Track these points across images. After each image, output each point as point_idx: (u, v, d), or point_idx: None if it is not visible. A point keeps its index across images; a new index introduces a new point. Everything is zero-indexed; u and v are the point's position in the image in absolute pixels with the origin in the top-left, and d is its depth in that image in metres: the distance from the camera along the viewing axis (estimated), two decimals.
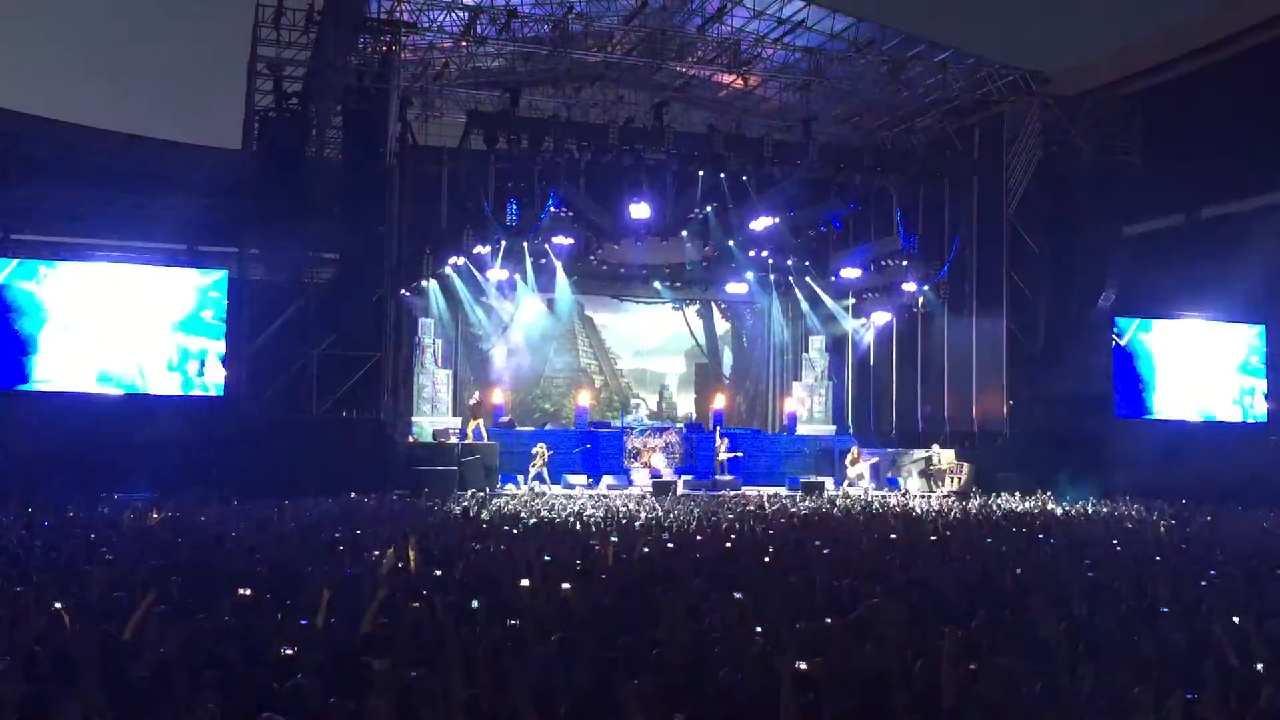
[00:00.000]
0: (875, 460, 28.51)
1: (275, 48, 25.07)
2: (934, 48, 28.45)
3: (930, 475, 27.78)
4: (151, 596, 6.90)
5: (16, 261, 25.23)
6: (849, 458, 27.94)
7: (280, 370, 24.44)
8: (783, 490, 26.47)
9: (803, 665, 5.45)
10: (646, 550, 11.46)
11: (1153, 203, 32.13)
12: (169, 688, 5.27)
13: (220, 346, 25.39)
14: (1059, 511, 19.91)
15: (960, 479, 27.19)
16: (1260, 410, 32.18)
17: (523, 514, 17.37)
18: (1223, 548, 12.79)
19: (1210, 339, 32.17)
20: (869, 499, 23.26)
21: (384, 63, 25.24)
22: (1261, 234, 30.50)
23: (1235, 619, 7.30)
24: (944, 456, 27.95)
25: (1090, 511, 20.02)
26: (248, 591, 7.60)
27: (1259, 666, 6.04)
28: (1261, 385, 32.30)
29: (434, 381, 29.62)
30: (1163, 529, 15.75)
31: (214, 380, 25.37)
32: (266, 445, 22.78)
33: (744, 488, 26.37)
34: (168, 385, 25.26)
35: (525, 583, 8.58)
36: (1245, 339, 32.51)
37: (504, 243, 28.08)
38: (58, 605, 7.17)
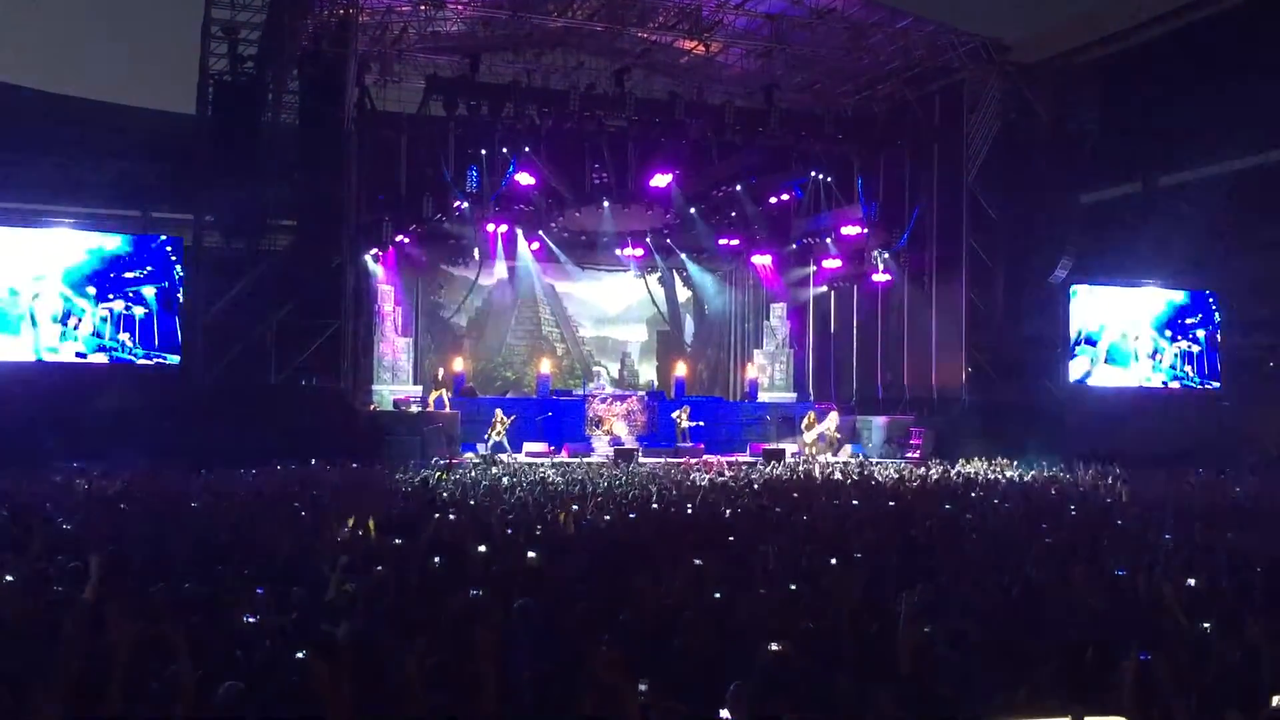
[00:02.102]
0: (828, 424, 28.79)
1: (230, 10, 24.63)
2: (895, 15, 28.40)
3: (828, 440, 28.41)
4: (99, 559, 6.81)
5: None
6: (804, 422, 28.15)
7: (238, 338, 24.17)
8: (744, 457, 26.61)
9: (775, 646, 5.49)
10: (608, 519, 11.49)
11: (1110, 170, 32.42)
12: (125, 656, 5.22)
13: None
14: (1015, 476, 20.14)
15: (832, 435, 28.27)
16: (1204, 378, 32.66)
17: (484, 482, 17.35)
18: (1175, 511, 13.00)
19: (1164, 305, 32.55)
20: (828, 466, 23.45)
21: (341, 26, 24.88)
22: (1216, 201, 30.89)
23: (1190, 581, 7.43)
24: (832, 423, 28.72)
25: (1046, 476, 20.26)
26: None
27: (1205, 626, 6.15)
28: (1204, 355, 32.75)
29: (394, 350, 29.48)
30: (1123, 494, 15.98)
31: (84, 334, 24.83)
32: (224, 414, 22.54)
33: (706, 455, 26.49)
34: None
35: (483, 549, 8.58)
36: (1192, 311, 32.90)
37: (464, 209, 27.90)
38: (9, 578, 7.09)
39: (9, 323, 24.28)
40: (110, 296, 24.82)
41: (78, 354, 24.59)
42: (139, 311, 24.97)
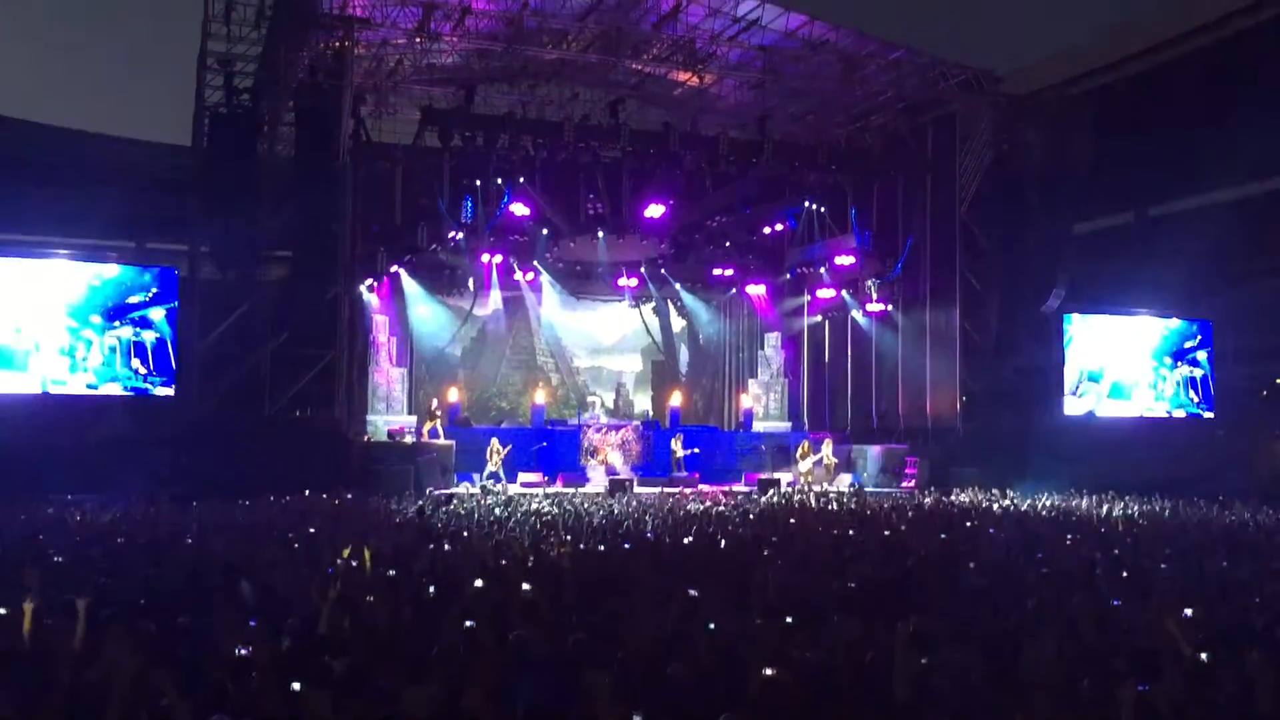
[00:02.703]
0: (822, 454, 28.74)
1: (226, 43, 24.72)
2: (887, 47, 28.64)
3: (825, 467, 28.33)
4: (85, 601, 6.76)
5: None
6: (799, 452, 28.12)
7: (232, 369, 24.13)
8: (739, 487, 26.55)
9: (769, 671, 5.47)
10: (603, 549, 11.46)
11: (1102, 201, 32.59)
12: (121, 691, 5.19)
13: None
14: (1012, 506, 20.12)
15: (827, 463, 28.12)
16: (1207, 404, 32.71)
17: (478, 513, 17.29)
18: (1172, 541, 12.99)
19: (1159, 335, 32.65)
20: (825, 495, 23.41)
21: (337, 59, 24.99)
22: (1207, 231, 31.03)
23: (1187, 611, 7.41)
24: (827, 449, 28.62)
25: (1043, 506, 20.24)
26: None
27: (1203, 657, 6.13)
28: (1207, 380, 32.83)
29: (389, 380, 29.43)
30: (1119, 524, 15.96)
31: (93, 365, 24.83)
32: (218, 445, 22.48)
33: (701, 485, 26.43)
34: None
35: (479, 583, 8.54)
36: (1192, 335, 33.02)
37: (459, 240, 27.95)
38: (1, 611, 7.04)
39: (11, 359, 24.32)
40: (116, 324, 24.87)
41: (89, 385, 24.61)
42: (149, 337, 25.02)
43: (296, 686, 5.30)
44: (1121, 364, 31.80)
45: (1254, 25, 29.08)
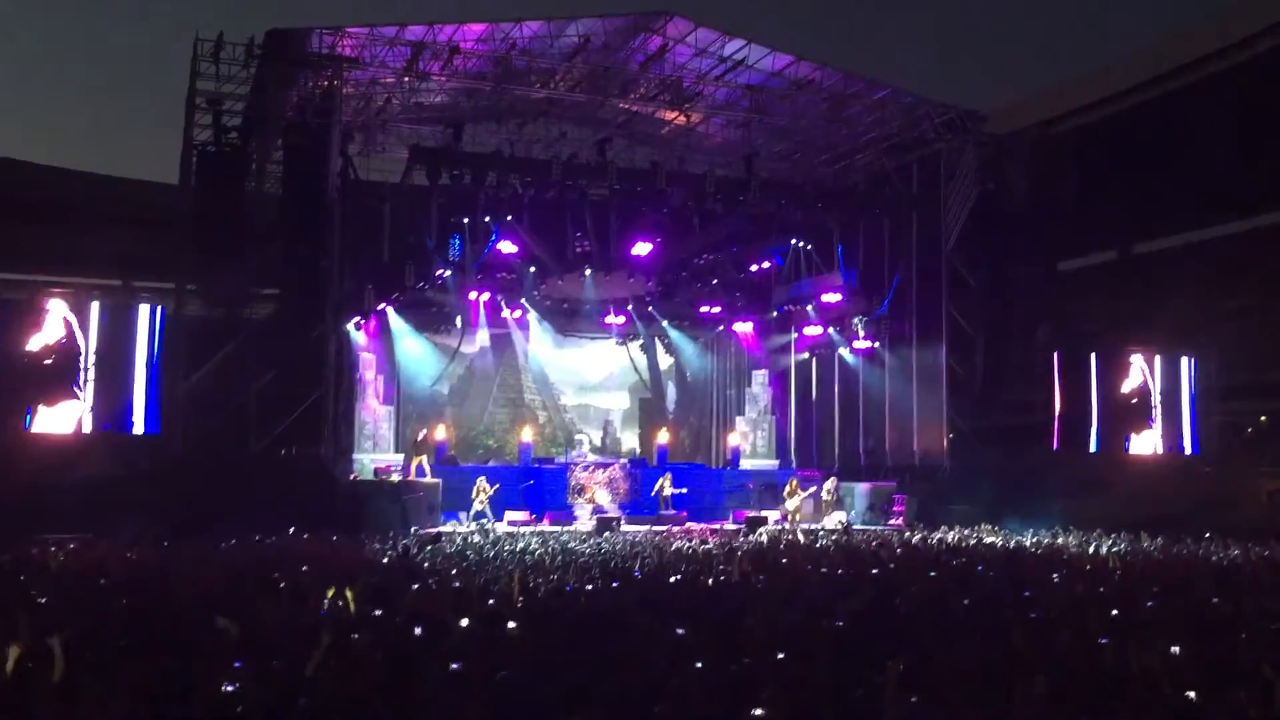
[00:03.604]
0: (813, 490, 28.71)
1: (215, 82, 24.85)
2: (873, 86, 28.93)
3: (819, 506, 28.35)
4: (61, 638, 6.68)
5: None
6: (787, 489, 28.09)
7: (218, 407, 24.04)
8: (727, 525, 26.49)
9: (758, 711, 5.45)
10: (590, 588, 11.39)
11: (1086, 239, 32.85)
12: None
13: None
14: (999, 544, 20.09)
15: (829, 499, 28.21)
16: (1193, 442, 32.76)
17: (466, 551, 17.20)
18: (1159, 578, 12.97)
19: (1144, 372, 32.75)
20: (813, 533, 23.35)
21: (325, 98, 25.14)
22: (1190, 269, 31.27)
23: (1174, 649, 7.39)
24: (830, 485, 28.86)
25: (1030, 544, 20.22)
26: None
27: (1190, 695, 6.11)
28: (1192, 416, 32.91)
29: (375, 418, 29.35)
30: (1107, 561, 15.94)
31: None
32: (203, 483, 22.33)
33: (689, 523, 26.35)
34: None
35: (465, 622, 8.48)
36: (1177, 371, 33.11)
37: (447, 278, 27.99)
38: None
39: None
40: (101, 366, 24.68)
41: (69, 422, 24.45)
42: (135, 380, 24.84)
43: None
44: (1108, 401, 31.86)
45: (1234, 65, 29.46)
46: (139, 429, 24.72)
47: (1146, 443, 32.25)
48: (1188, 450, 32.62)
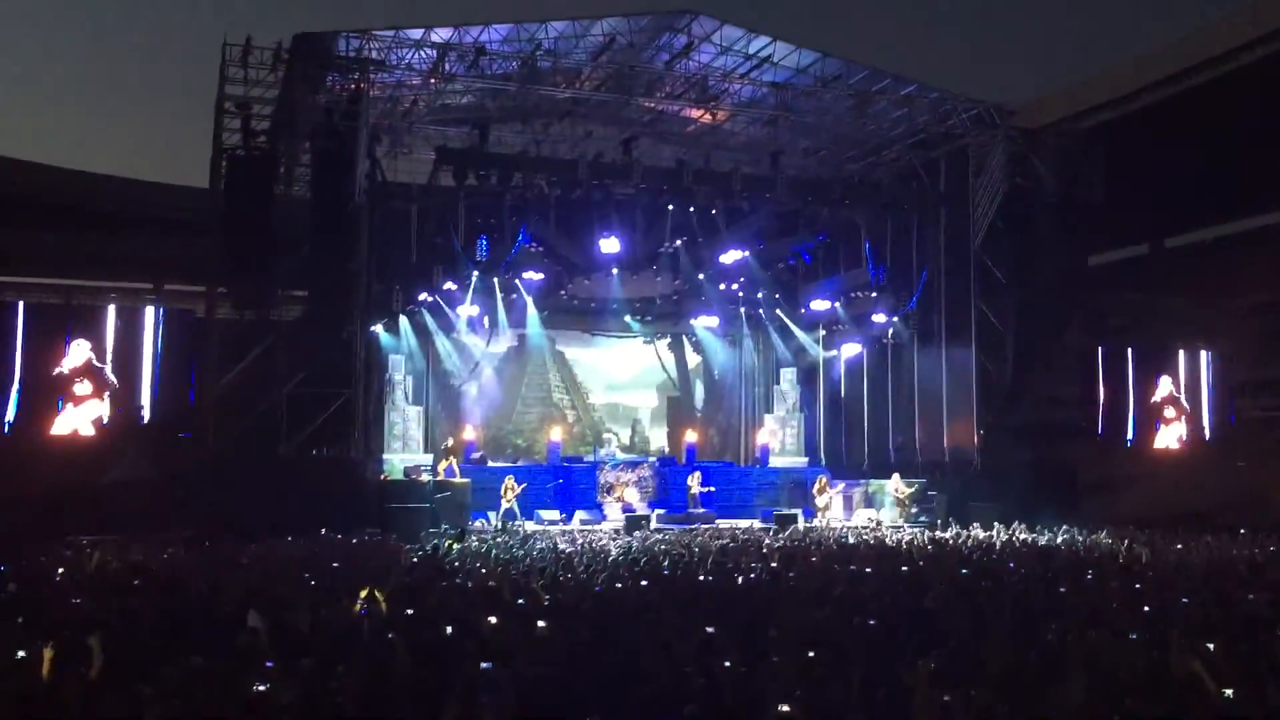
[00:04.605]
0: (840, 487, 28.49)
1: (243, 86, 25.04)
2: (899, 82, 28.79)
3: (900, 504, 27.80)
4: (98, 637, 6.76)
5: None
6: (816, 487, 27.96)
7: (249, 409, 24.22)
8: (756, 523, 26.44)
9: (785, 708, 5.44)
10: (619, 586, 11.41)
11: (1116, 233, 32.57)
12: None
13: None
14: (1030, 540, 19.97)
15: (904, 498, 27.30)
16: (1222, 436, 32.44)
17: (494, 551, 17.26)
18: (1192, 574, 12.86)
19: (1175, 366, 32.47)
20: (842, 531, 23.28)
21: (353, 101, 25.25)
22: (1221, 263, 30.97)
23: (1209, 645, 7.33)
24: (898, 483, 28.05)
25: (1062, 540, 20.09)
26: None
27: (1227, 692, 6.06)
28: (1224, 410, 32.61)
29: (405, 418, 29.45)
30: (1139, 557, 15.82)
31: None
32: (235, 485, 22.51)
33: (718, 521, 26.33)
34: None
35: (493, 620, 8.52)
36: (1208, 366, 32.81)
37: (474, 278, 28.06)
38: (21, 654, 7.05)
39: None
40: (132, 367, 25.02)
41: (101, 423, 24.77)
42: (164, 380, 25.16)
43: None
44: (1141, 395, 31.64)
45: (1265, 57, 29.09)
46: (171, 431, 25.01)
47: (1178, 438, 31.97)
48: (1218, 445, 32.28)
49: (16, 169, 31.34)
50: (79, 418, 24.59)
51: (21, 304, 25.34)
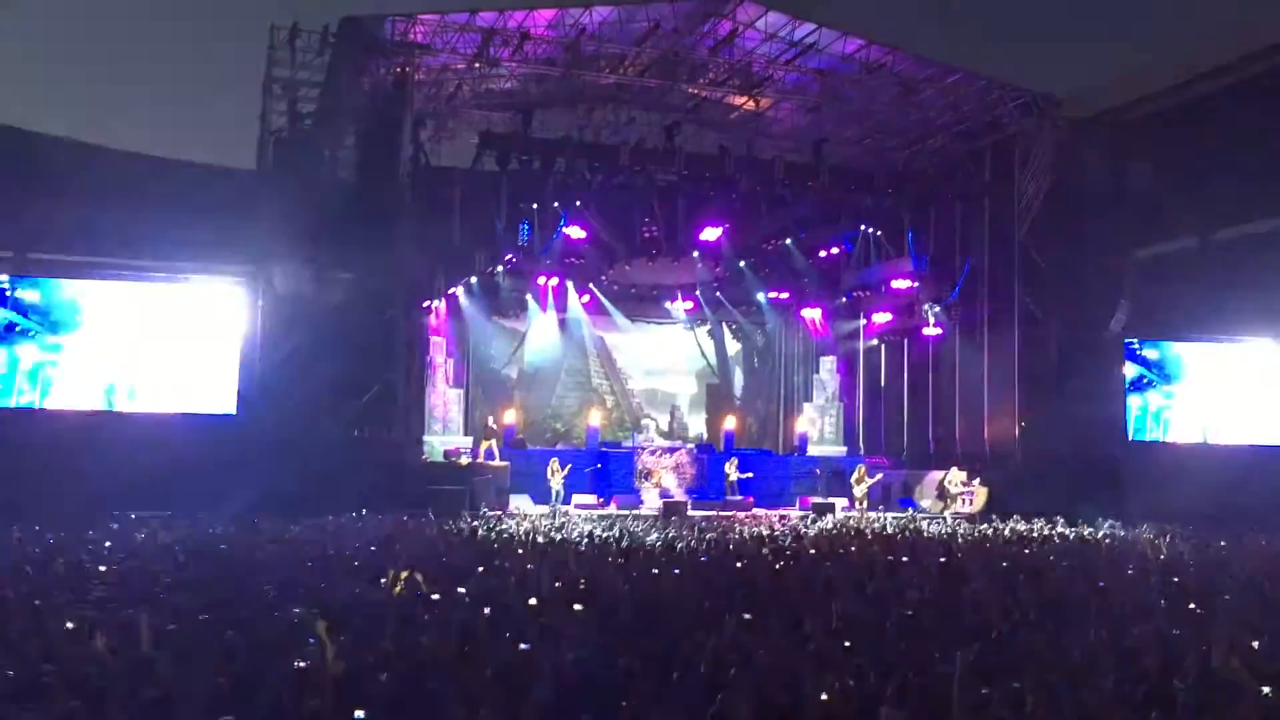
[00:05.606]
0: (879, 477, 28.31)
1: (289, 69, 25.24)
2: (945, 70, 28.50)
3: (945, 497, 27.55)
4: (147, 618, 6.88)
5: (30, 279, 25.52)
6: (854, 476, 27.85)
7: (292, 390, 24.45)
8: (794, 511, 26.42)
9: (824, 698, 5.46)
10: (656, 572, 11.44)
11: (1165, 225, 32.11)
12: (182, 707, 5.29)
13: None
14: (1071, 534, 19.81)
15: (972, 501, 26.94)
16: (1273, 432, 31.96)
17: (533, 534, 17.35)
18: (1236, 571, 12.72)
19: (1225, 361, 32.05)
20: (880, 521, 23.19)
21: (398, 84, 25.40)
22: (1274, 256, 30.45)
23: (1254, 643, 7.26)
24: (957, 478, 27.72)
25: (1104, 534, 19.91)
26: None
27: (1266, 691, 6.00)
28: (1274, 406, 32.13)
29: (445, 401, 29.67)
30: (1183, 553, 15.66)
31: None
32: (279, 465, 22.75)
33: (755, 508, 26.32)
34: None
35: (533, 601, 8.59)
36: (1259, 361, 32.34)
37: (516, 263, 28.18)
38: (69, 625, 7.20)
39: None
40: (188, 347, 25.46)
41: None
42: (223, 360, 25.66)
43: (360, 714, 5.36)
44: (1188, 391, 31.30)
45: None
46: (223, 411, 25.45)
47: (1227, 432, 31.55)
48: (1269, 441, 31.80)
49: (63, 147, 31.68)
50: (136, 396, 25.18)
51: None
